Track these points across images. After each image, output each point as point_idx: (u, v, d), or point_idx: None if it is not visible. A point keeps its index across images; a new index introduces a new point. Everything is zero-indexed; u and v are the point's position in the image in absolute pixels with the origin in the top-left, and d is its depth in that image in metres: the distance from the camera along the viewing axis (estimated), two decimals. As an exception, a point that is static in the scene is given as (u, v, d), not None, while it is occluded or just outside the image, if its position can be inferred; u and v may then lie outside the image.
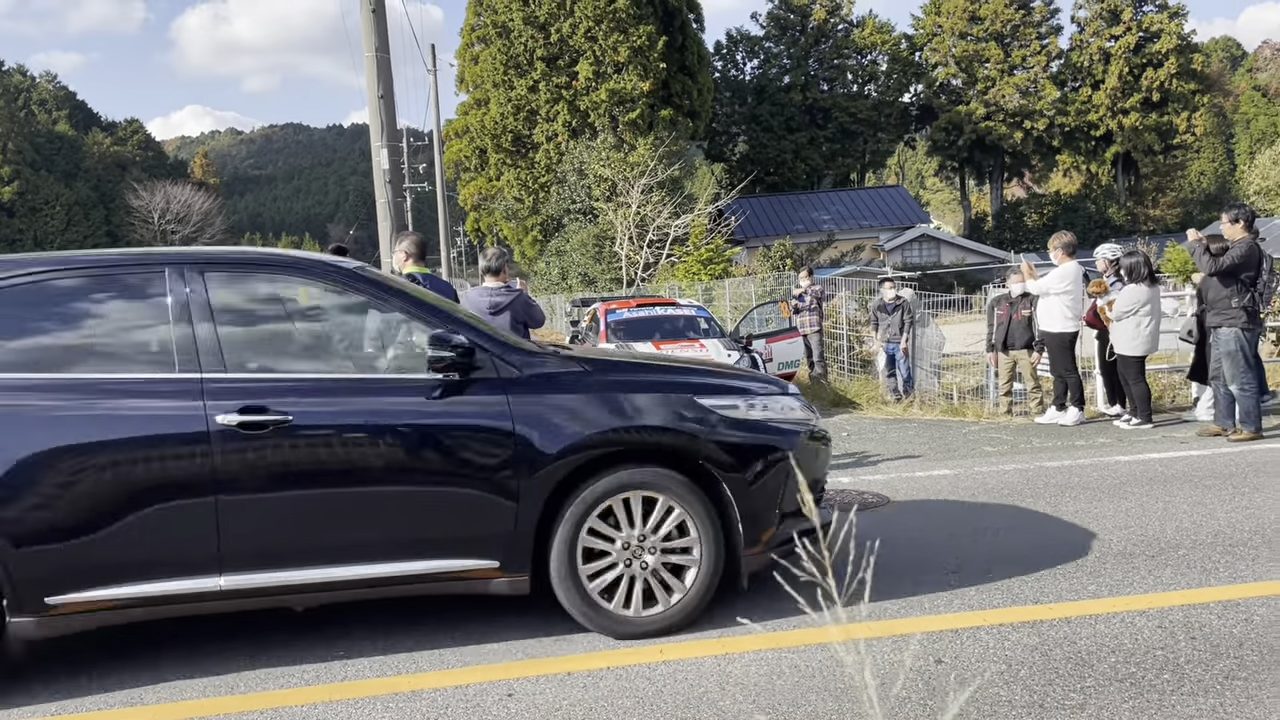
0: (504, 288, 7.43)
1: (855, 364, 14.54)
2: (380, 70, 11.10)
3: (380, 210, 11.46)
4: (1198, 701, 3.47)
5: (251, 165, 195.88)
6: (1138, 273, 9.39)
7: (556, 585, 4.24)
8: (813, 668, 3.92)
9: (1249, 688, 3.56)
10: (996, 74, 58.27)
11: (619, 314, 13.00)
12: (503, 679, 3.95)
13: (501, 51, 42.57)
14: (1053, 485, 7.10)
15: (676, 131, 40.33)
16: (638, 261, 33.23)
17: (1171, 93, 57.45)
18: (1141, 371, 9.56)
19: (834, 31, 59.07)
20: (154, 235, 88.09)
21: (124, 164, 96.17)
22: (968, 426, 10.30)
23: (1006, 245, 52.37)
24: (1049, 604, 4.54)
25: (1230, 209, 8.69)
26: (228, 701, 3.88)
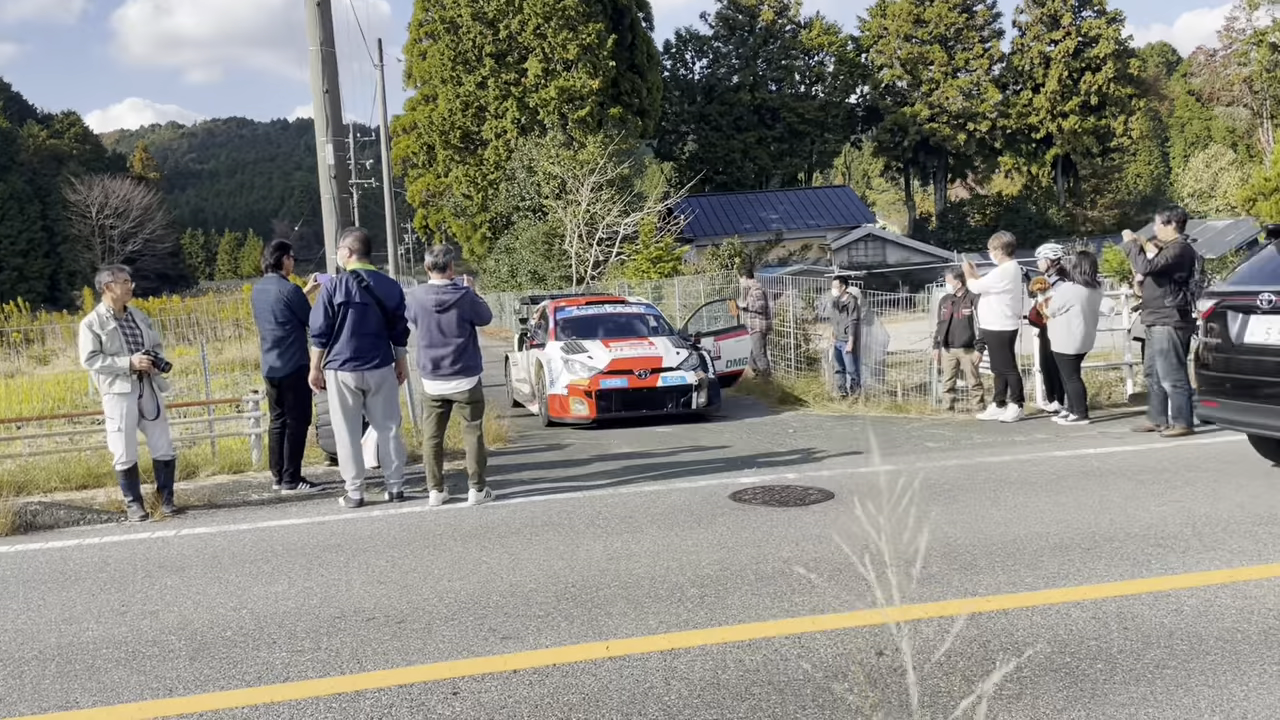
0: (450, 285, 7.38)
1: (802, 362, 14.66)
2: (325, 64, 10.95)
3: (325, 206, 11.31)
4: (1129, 690, 3.57)
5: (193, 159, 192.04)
6: (1080, 269, 9.59)
7: None
8: (757, 662, 3.96)
9: (1179, 676, 3.67)
10: (940, 76, 59.14)
11: (568, 311, 12.98)
12: (447, 677, 3.94)
13: (450, 47, 42.25)
14: (992, 480, 7.24)
15: (626, 130, 40.33)
16: (587, 259, 33.19)
17: (1109, 97, 58.73)
18: (1077, 369, 9.78)
19: (782, 32, 59.50)
20: (92, 230, 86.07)
21: (61, 157, 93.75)
22: (911, 423, 10.45)
23: (950, 245, 53.12)
24: (987, 596, 4.63)
25: (1163, 211, 8.93)
26: (167, 704, 3.82)
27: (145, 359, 7.09)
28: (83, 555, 6.33)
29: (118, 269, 7.39)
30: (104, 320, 7.11)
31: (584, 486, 7.72)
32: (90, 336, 7.06)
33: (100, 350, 7.06)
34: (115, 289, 7.22)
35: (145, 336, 7.26)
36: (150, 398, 7.25)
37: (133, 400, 7.16)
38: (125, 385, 7.14)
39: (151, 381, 7.25)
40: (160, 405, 7.34)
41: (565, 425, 11.19)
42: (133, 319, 7.27)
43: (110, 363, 7.08)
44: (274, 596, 5.15)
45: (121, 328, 7.16)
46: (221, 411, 11.21)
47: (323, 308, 7.23)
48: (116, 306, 7.21)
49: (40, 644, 4.60)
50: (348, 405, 7.38)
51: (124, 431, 7.16)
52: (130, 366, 7.06)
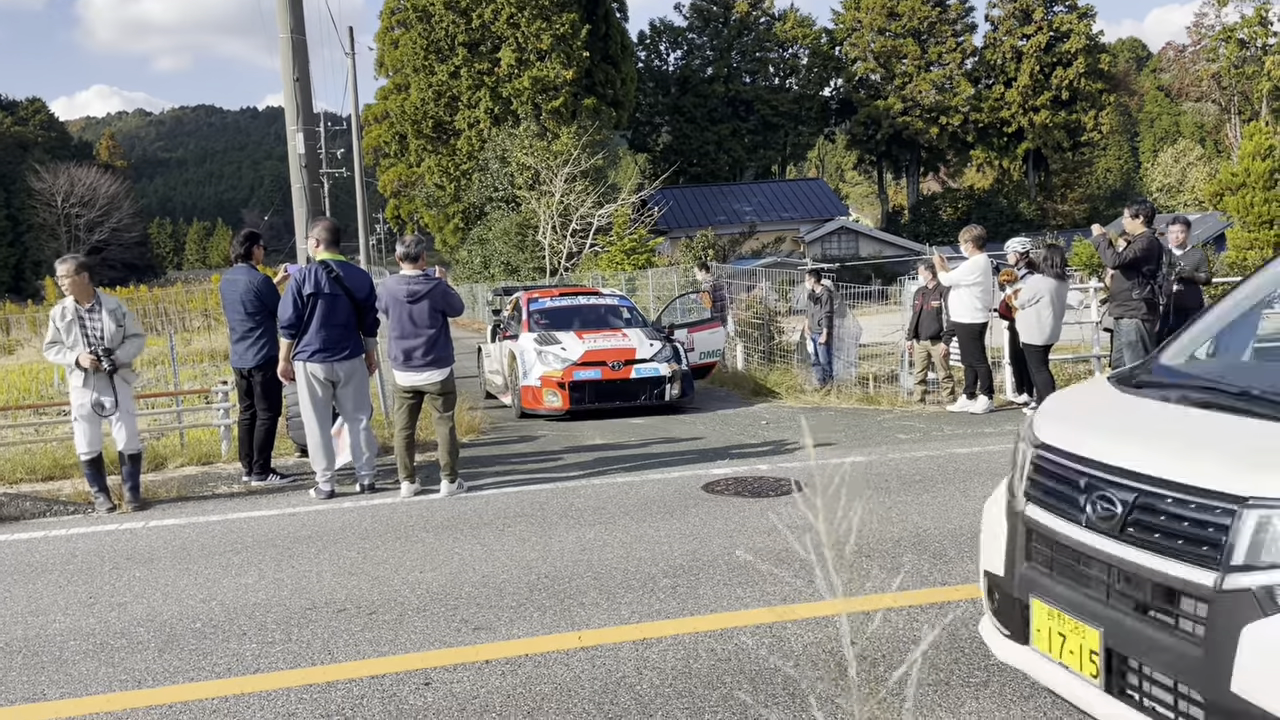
0: (422, 275, 7.34)
1: (775, 354, 14.72)
2: (296, 52, 10.85)
3: (296, 196, 11.21)
4: (1094, 676, 3.61)
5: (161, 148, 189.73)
6: (1050, 261, 9.69)
7: None
8: (728, 651, 3.98)
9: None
10: (914, 70, 59.46)
11: (541, 303, 12.95)
12: (419, 668, 3.93)
13: (422, 36, 41.99)
14: (962, 471, 7.30)
15: (600, 121, 40.29)
16: (561, 251, 33.13)
17: (1080, 91, 59.30)
18: (1045, 360, 9.88)
19: (756, 24, 59.60)
20: (57, 219, 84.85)
21: (25, 145, 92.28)
22: (883, 415, 10.53)
23: (922, 238, 53.45)
24: (956, 585, 4.68)
25: (1132, 205, 9.01)
26: (136, 695, 3.79)
27: (89, 358, 6.93)
28: (49, 547, 6.26)
29: (64, 259, 7.17)
30: (65, 311, 7.04)
31: (557, 478, 7.72)
32: (51, 326, 7.08)
33: (59, 340, 7.03)
34: (63, 281, 7.06)
35: (106, 331, 7.05)
36: (107, 390, 7.08)
37: (85, 393, 7.05)
38: (78, 378, 7.05)
39: (111, 376, 7.12)
40: (122, 398, 7.17)
41: (538, 417, 11.18)
42: (97, 311, 7.10)
43: (61, 354, 7.04)
44: (244, 588, 5.12)
45: (80, 320, 7.03)
46: (190, 402, 11.12)
47: (291, 298, 7.17)
48: (76, 297, 7.08)
49: (7, 636, 4.55)
50: (317, 396, 7.33)
51: (83, 421, 7.09)
52: (76, 363, 6.98)
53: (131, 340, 7.22)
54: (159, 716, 3.61)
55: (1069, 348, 12.65)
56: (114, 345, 7.06)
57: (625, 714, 3.46)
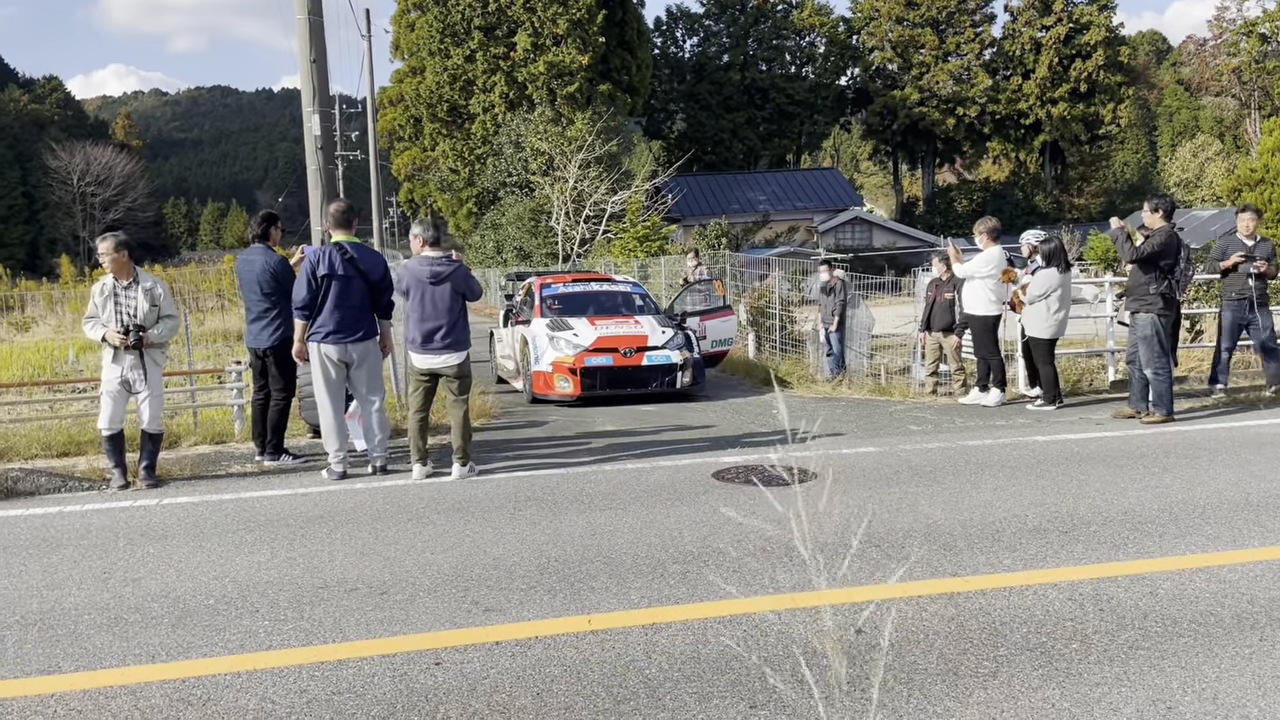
0: (445, 258, 7.36)
1: (787, 344, 14.70)
2: (313, 34, 10.85)
3: (311, 178, 11.23)
4: (1104, 670, 3.62)
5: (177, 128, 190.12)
6: (1057, 258, 9.65)
7: None
8: (737, 637, 3.99)
9: (1152, 657, 3.72)
10: (931, 60, 59.05)
11: (554, 288, 12.96)
12: (430, 648, 3.96)
13: (438, 19, 41.89)
14: (973, 463, 7.29)
15: (615, 107, 40.17)
16: (574, 237, 33.11)
17: (1099, 84, 58.82)
18: (1051, 354, 9.85)
19: (773, 12, 59.27)
20: (73, 197, 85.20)
21: (42, 123, 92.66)
22: (894, 406, 10.51)
23: (936, 230, 53.24)
24: (965, 576, 4.68)
25: (1151, 199, 8.96)
26: (149, 670, 3.83)
27: (116, 335, 7.05)
28: (64, 522, 6.31)
29: (105, 236, 7.28)
30: (104, 287, 7.18)
31: (568, 463, 7.74)
32: (91, 302, 7.24)
33: (96, 315, 7.18)
34: (104, 258, 7.18)
35: (140, 309, 7.14)
36: (135, 368, 7.18)
37: (115, 369, 7.16)
38: (108, 354, 7.19)
39: (142, 354, 7.19)
40: (151, 377, 7.26)
41: (549, 402, 11.20)
42: (134, 289, 7.18)
43: (95, 329, 7.18)
44: (256, 566, 5.15)
45: (116, 298, 7.14)
46: (204, 382, 11.17)
47: (306, 280, 7.20)
48: (116, 274, 7.18)
49: (23, 609, 4.60)
50: (331, 378, 7.36)
51: (109, 396, 7.19)
52: (103, 339, 7.12)
53: (164, 321, 7.30)
54: (172, 690, 3.64)
55: (1081, 341, 12.60)
56: (146, 323, 7.14)
57: (634, 697, 3.48)
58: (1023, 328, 10.27)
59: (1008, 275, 10.08)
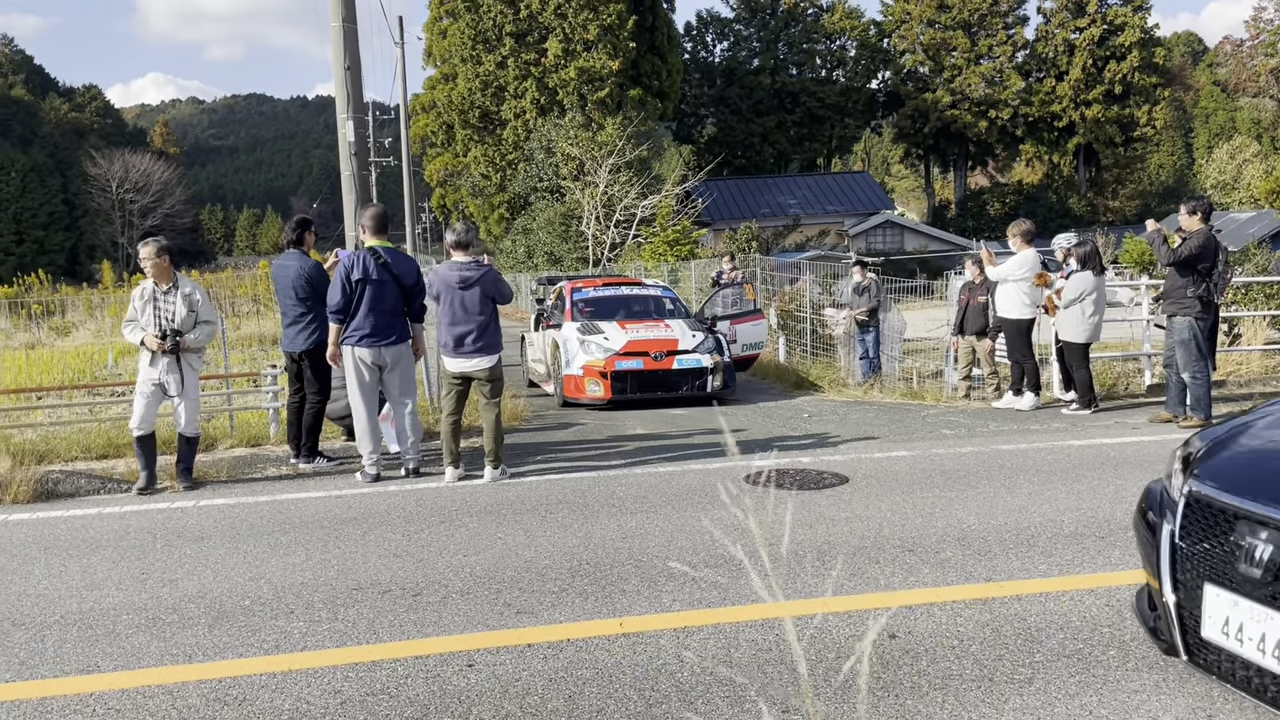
0: (474, 262, 7.40)
1: (819, 347, 14.64)
2: (347, 41, 10.96)
3: (345, 183, 11.35)
4: (1142, 677, 3.57)
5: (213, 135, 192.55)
6: (1092, 261, 9.55)
7: None
8: (770, 642, 3.98)
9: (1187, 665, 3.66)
10: (963, 63, 58.62)
11: (585, 293, 12.99)
12: (463, 650, 3.98)
13: (470, 26, 42.14)
14: (1007, 468, 7.22)
15: (645, 112, 40.22)
16: (604, 241, 33.17)
17: (1133, 86, 58.11)
18: (1085, 358, 9.74)
19: (804, 16, 59.09)
20: (112, 204, 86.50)
21: (82, 131, 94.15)
22: (926, 410, 10.43)
23: (969, 233, 52.80)
24: (1001, 582, 4.63)
25: (1188, 201, 8.84)
26: (186, 670, 3.88)
27: (154, 340, 7.15)
28: (103, 524, 6.41)
29: (147, 241, 7.38)
30: (144, 291, 7.31)
31: (599, 466, 7.75)
32: (131, 305, 7.36)
33: (135, 319, 7.30)
34: (145, 263, 7.30)
35: (178, 314, 7.23)
36: (172, 371, 7.27)
37: (152, 372, 7.25)
38: (145, 356, 7.31)
39: (179, 358, 7.28)
40: (187, 381, 7.35)
41: (580, 406, 11.22)
42: (173, 294, 7.29)
43: (134, 332, 7.29)
44: (291, 567, 5.20)
45: (155, 302, 7.25)
46: (239, 385, 11.30)
47: (340, 284, 7.27)
48: (156, 279, 7.30)
49: (62, 609, 4.67)
50: (364, 381, 7.42)
51: (143, 398, 7.30)
52: (141, 342, 7.24)
53: (202, 326, 7.39)
54: (209, 691, 3.68)
55: (1118, 345, 12.46)
56: (183, 329, 7.24)
57: (666, 700, 3.47)
58: (1057, 332, 10.17)
59: (1042, 279, 9.98)
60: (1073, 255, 9.83)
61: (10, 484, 7.18)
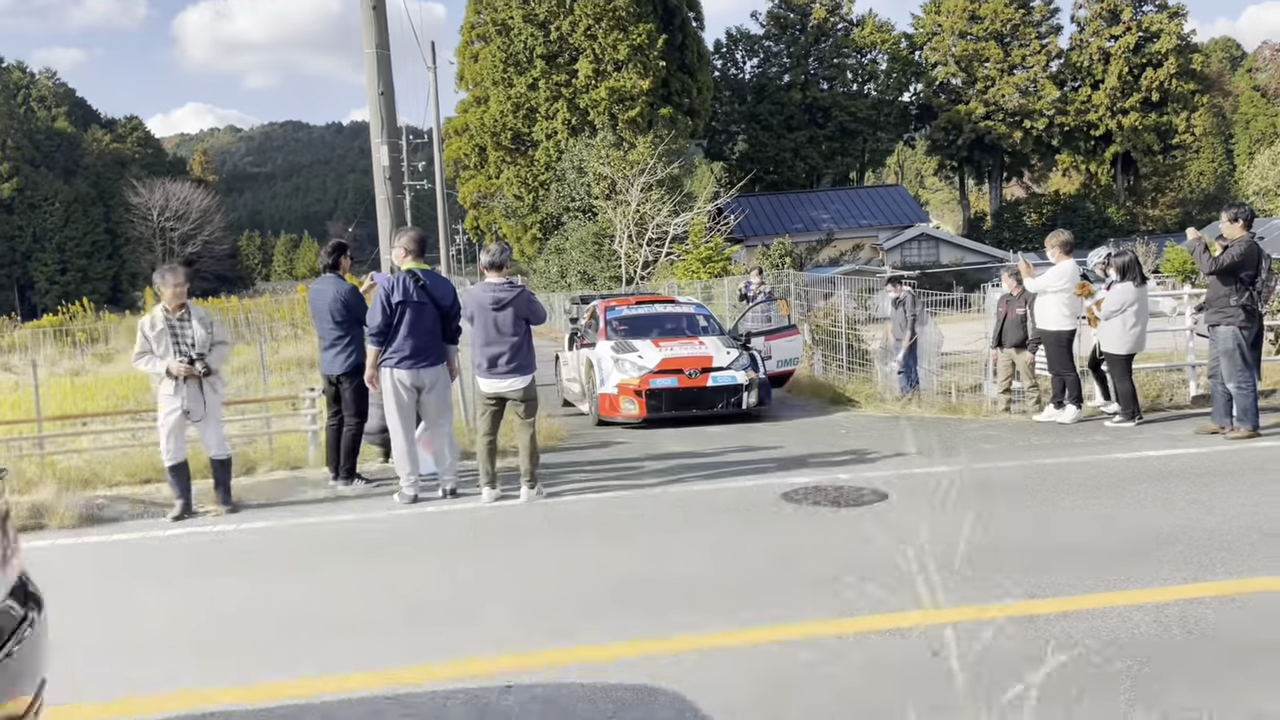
0: (507, 283, 7.43)
1: (855, 362, 14.54)
2: (380, 67, 11.09)
3: (380, 207, 11.46)
4: (1194, 695, 3.49)
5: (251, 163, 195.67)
6: (1132, 271, 9.42)
7: None
8: (813, 660, 3.93)
9: (1246, 681, 3.58)
10: (996, 73, 58.27)
11: (618, 311, 13.00)
12: (499, 670, 3.97)
13: (501, 49, 42.57)
14: (1050, 482, 7.12)
15: (676, 130, 40.33)
16: (637, 259, 33.23)
17: (1171, 93, 57.46)
18: (1128, 370, 9.59)
19: (834, 30, 59.06)
20: (153, 232, 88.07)
21: (123, 161, 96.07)
22: (966, 424, 10.32)
23: (1005, 245, 52.34)
24: (1046, 599, 4.55)
25: (1230, 208, 8.69)
26: (228, 693, 3.90)
27: (181, 366, 7.11)
28: (146, 548, 6.48)
29: (168, 269, 7.37)
30: (155, 322, 7.20)
31: (635, 485, 7.74)
32: (140, 338, 7.22)
33: (149, 351, 7.19)
34: (165, 291, 7.24)
35: (197, 338, 7.23)
36: (197, 397, 7.26)
37: (175, 400, 7.22)
38: (168, 386, 7.22)
39: (201, 382, 7.28)
40: (211, 405, 7.35)
41: (615, 424, 11.21)
42: (188, 319, 7.28)
43: (151, 363, 7.20)
44: (330, 589, 5.23)
45: (171, 329, 7.20)
46: (278, 409, 11.41)
47: (381, 306, 7.32)
48: (170, 307, 7.26)
49: (107, 633, 4.72)
50: (403, 403, 7.46)
51: (168, 429, 7.26)
52: (167, 371, 7.15)
53: (219, 347, 7.40)
54: (249, 715, 3.70)
55: (1161, 355, 12.26)
56: (205, 351, 7.26)
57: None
58: (1098, 343, 10.03)
59: (1083, 289, 9.85)
60: (1112, 266, 9.70)
61: (55, 509, 7.29)
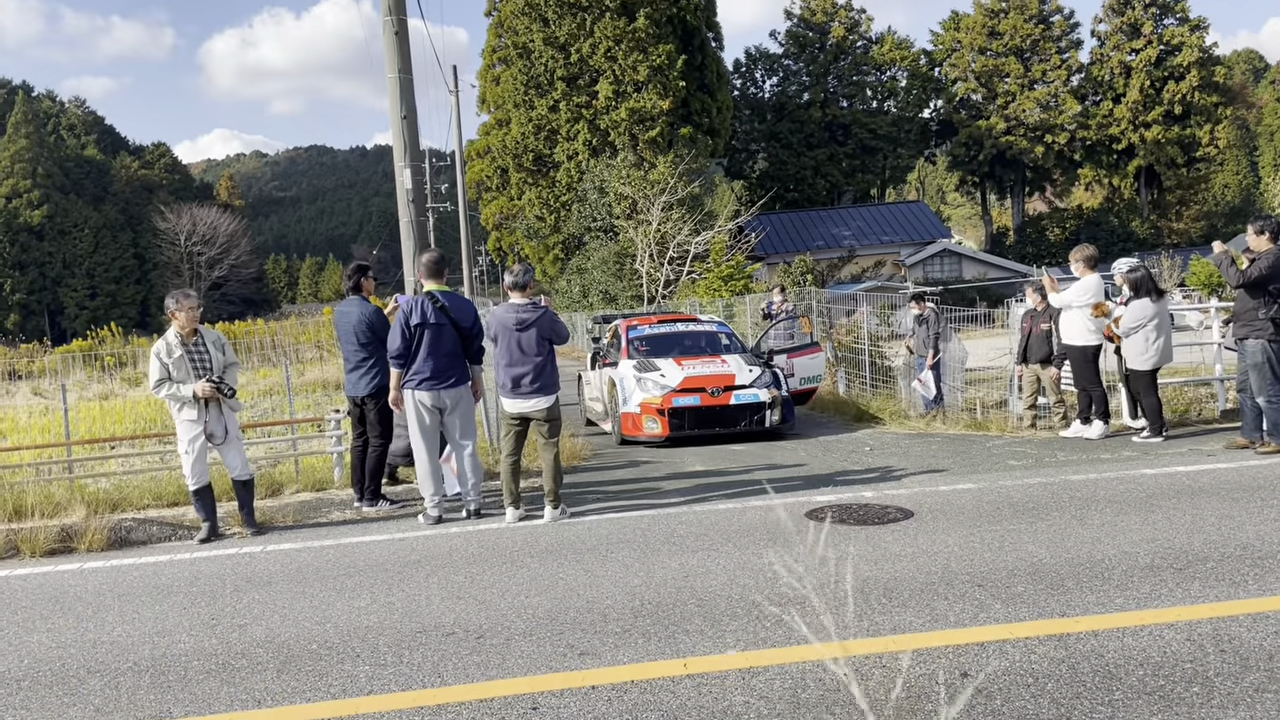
0: (530, 304, 7.46)
1: (878, 379, 14.48)
2: (403, 91, 11.21)
3: (403, 229, 11.56)
4: (1228, 714, 3.43)
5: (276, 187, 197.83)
6: (1144, 287, 9.36)
7: None
8: (838, 681, 3.90)
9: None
10: (1016, 88, 58.16)
11: (641, 330, 13.02)
12: (526, 692, 3.96)
13: (522, 72, 42.90)
14: (1078, 498, 7.04)
15: (696, 149, 40.46)
16: (658, 278, 33.29)
17: (1194, 105, 57.13)
18: (1153, 384, 9.49)
19: (853, 48, 59.18)
20: (180, 257, 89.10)
21: (151, 187, 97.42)
22: (991, 440, 10.24)
23: (1028, 259, 52.09)
24: (1075, 617, 4.50)
25: (1256, 220, 8.61)
26: (256, 715, 3.91)
27: (208, 386, 7.15)
28: (175, 570, 6.53)
29: (181, 294, 7.37)
30: (171, 348, 7.20)
31: (658, 504, 7.72)
32: (158, 365, 7.20)
33: (167, 378, 7.20)
34: (180, 315, 7.25)
35: (214, 361, 7.28)
36: (218, 420, 7.33)
37: (199, 425, 7.26)
38: (191, 412, 7.24)
39: (221, 404, 7.34)
40: (230, 427, 7.42)
41: (638, 443, 11.21)
42: (202, 343, 7.31)
43: (175, 389, 7.18)
44: (356, 611, 5.24)
45: (189, 354, 7.22)
46: (304, 431, 11.49)
47: (400, 329, 7.37)
48: (184, 332, 7.28)
49: (135, 655, 4.75)
50: (425, 424, 7.49)
51: (191, 454, 7.30)
52: (194, 394, 7.16)
53: (231, 368, 7.47)
54: (278, 735, 3.71)
55: (1189, 370, 12.13)
56: (222, 374, 7.34)
57: (733, 743, 3.41)
58: (1119, 358, 9.94)
59: (1099, 310, 9.76)
60: (1125, 283, 9.62)
61: (85, 532, 7.36)
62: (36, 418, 17.92)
